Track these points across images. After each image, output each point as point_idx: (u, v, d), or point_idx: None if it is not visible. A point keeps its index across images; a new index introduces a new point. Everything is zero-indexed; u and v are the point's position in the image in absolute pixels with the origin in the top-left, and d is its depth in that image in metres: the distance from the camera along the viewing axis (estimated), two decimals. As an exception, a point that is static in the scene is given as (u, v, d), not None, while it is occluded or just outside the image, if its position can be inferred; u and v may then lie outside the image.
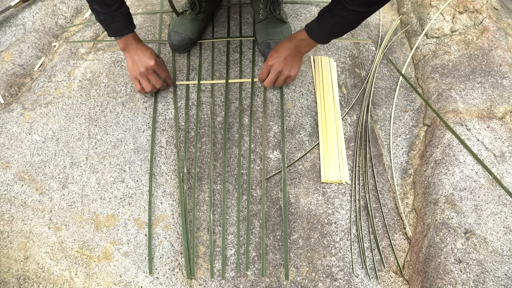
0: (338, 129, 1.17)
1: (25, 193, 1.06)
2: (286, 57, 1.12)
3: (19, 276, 0.96)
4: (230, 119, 1.19)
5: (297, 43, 1.10)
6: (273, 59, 1.13)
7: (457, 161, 1.07)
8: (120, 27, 1.07)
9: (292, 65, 1.14)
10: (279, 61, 1.13)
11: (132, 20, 1.09)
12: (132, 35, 1.10)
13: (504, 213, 0.98)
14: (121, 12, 1.04)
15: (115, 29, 1.07)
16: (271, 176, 1.11)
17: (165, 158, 1.12)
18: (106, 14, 1.03)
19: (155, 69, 1.14)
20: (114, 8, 1.03)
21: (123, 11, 1.05)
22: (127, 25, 1.07)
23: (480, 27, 1.35)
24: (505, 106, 1.16)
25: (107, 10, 1.03)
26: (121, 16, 1.04)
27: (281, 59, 1.12)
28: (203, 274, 0.98)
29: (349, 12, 0.94)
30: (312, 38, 1.06)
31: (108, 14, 1.03)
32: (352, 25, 0.99)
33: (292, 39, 1.11)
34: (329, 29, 1.01)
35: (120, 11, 1.04)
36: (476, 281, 0.89)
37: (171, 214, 1.05)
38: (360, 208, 1.07)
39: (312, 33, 1.05)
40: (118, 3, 1.03)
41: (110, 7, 1.02)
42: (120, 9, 1.04)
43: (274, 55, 1.13)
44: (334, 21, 0.98)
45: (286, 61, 1.13)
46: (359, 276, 0.98)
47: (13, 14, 1.47)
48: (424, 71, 1.33)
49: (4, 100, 1.26)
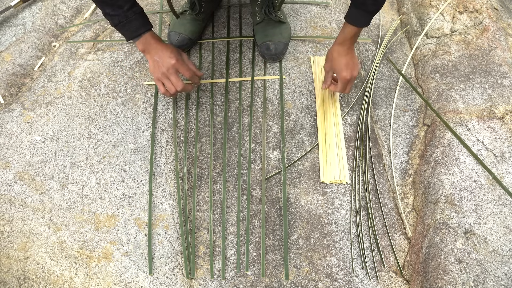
0: (338, 129, 1.17)
1: (25, 193, 1.06)
2: (348, 63, 1.09)
3: (19, 276, 0.96)
4: (230, 119, 1.19)
5: (351, 42, 1.08)
6: (330, 68, 1.12)
7: (457, 161, 1.07)
8: (136, 26, 1.02)
9: (355, 65, 1.10)
10: (342, 70, 1.09)
11: (147, 19, 1.04)
12: (150, 34, 1.04)
13: (504, 213, 0.98)
14: (134, 11, 1.00)
15: (131, 30, 1.02)
16: (271, 176, 1.11)
17: (165, 158, 1.12)
18: (119, 16, 0.99)
19: (177, 67, 1.07)
20: (127, 8, 0.99)
21: (136, 10, 1.01)
22: (143, 24, 1.02)
23: (480, 27, 1.35)
24: (505, 106, 1.16)
25: (119, 12, 0.99)
26: (135, 15, 1.00)
27: (344, 67, 1.09)
28: (203, 274, 0.98)
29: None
30: (360, 25, 1.03)
31: (122, 16, 0.99)
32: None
33: (344, 42, 1.07)
34: (369, 6, 0.99)
35: (133, 10, 1.00)
36: (476, 281, 0.89)
37: (171, 214, 1.05)
38: (360, 208, 1.07)
39: (357, 19, 1.02)
40: (130, 3, 0.99)
41: (122, 8, 0.98)
42: (133, 8, 1.00)
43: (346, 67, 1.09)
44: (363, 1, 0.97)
45: (350, 67, 1.09)
46: (359, 276, 0.98)
47: (13, 14, 1.47)
48: (424, 71, 1.33)
49: (4, 100, 1.26)
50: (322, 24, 1.40)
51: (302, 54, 1.32)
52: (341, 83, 1.11)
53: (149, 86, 1.25)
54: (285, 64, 1.29)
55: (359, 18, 1.03)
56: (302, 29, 1.38)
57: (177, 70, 1.07)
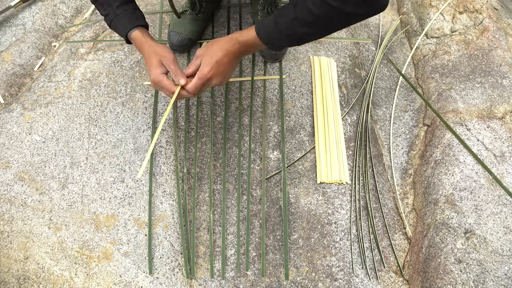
0: (338, 129, 1.17)
1: (25, 193, 1.06)
2: (221, 63, 0.91)
3: (19, 276, 0.96)
4: (230, 119, 1.19)
5: (241, 47, 0.91)
6: (212, 72, 0.91)
7: (457, 161, 1.07)
8: (124, 23, 0.96)
9: (225, 75, 0.94)
10: (207, 66, 0.91)
11: (140, 17, 0.99)
12: (140, 31, 0.97)
13: (504, 213, 0.98)
14: (124, 8, 0.97)
15: (120, 27, 0.97)
16: (271, 176, 1.11)
17: (165, 158, 1.12)
18: (110, 14, 0.97)
19: (157, 82, 0.95)
20: (116, 5, 0.96)
21: (127, 7, 0.97)
22: (131, 20, 0.97)
23: (480, 27, 1.35)
24: (505, 106, 1.16)
25: (110, 10, 0.97)
26: (124, 11, 0.97)
27: (213, 64, 0.91)
28: (203, 274, 0.98)
29: (315, 3, 0.76)
30: (263, 38, 0.87)
31: (112, 13, 0.97)
32: (313, 26, 0.80)
33: (236, 40, 0.90)
34: (285, 27, 0.82)
35: (124, 7, 0.97)
36: (476, 281, 0.89)
37: (171, 214, 1.05)
38: (360, 208, 1.07)
39: (264, 30, 0.86)
40: (120, 1, 0.97)
41: (112, 5, 0.96)
42: (124, 5, 0.97)
43: (206, 54, 0.91)
44: (295, 16, 0.80)
45: (218, 69, 0.92)
46: (359, 276, 0.98)
47: (13, 14, 1.47)
48: (424, 71, 1.33)
49: (4, 100, 1.26)
50: (322, 24, 1.40)
51: (302, 54, 1.32)
52: (197, 78, 0.91)
53: (149, 86, 1.25)
54: (285, 64, 1.29)
55: (269, 34, 0.86)
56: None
57: (165, 73, 0.96)
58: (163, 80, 0.93)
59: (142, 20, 0.99)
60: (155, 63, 0.94)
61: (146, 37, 0.97)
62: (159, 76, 0.93)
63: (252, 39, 0.89)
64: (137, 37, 0.97)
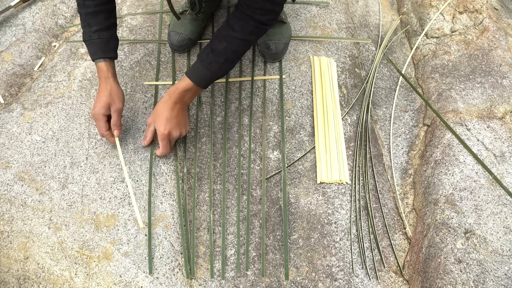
0: (338, 129, 1.17)
1: (25, 193, 1.06)
2: (170, 117, 1.01)
3: (19, 276, 0.96)
4: (230, 119, 1.19)
5: (181, 94, 1.01)
6: (167, 127, 1.01)
7: (457, 161, 1.07)
8: (94, 50, 1.01)
9: (180, 122, 1.04)
10: (160, 126, 1.01)
11: (111, 49, 1.03)
12: (106, 64, 1.02)
13: (504, 213, 0.98)
14: (100, 35, 1.00)
15: (90, 52, 1.02)
16: (271, 176, 1.11)
17: (165, 158, 1.12)
18: (85, 34, 1.02)
19: (96, 118, 1.04)
20: (94, 29, 1.00)
21: (103, 35, 1.01)
22: (101, 50, 1.01)
23: (480, 27, 1.35)
24: (505, 106, 1.16)
25: (87, 30, 1.01)
26: (98, 39, 1.00)
27: (163, 122, 1.01)
28: (203, 274, 0.98)
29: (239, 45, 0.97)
30: (198, 83, 1.00)
31: (87, 35, 1.01)
32: (239, 57, 1.00)
33: (175, 89, 1.01)
34: (217, 70, 0.98)
35: (100, 33, 1.00)
36: (476, 281, 0.89)
37: (171, 214, 1.05)
38: (360, 208, 1.07)
39: (197, 77, 0.99)
40: (100, 25, 1.00)
41: (90, 27, 1.00)
42: (100, 31, 1.00)
43: (156, 118, 1.02)
44: (224, 60, 0.97)
45: (171, 123, 1.02)
46: (359, 276, 0.98)
47: (13, 14, 1.47)
48: (424, 71, 1.33)
49: (4, 100, 1.26)
50: (322, 24, 1.40)
51: (302, 54, 1.32)
52: (160, 140, 1.03)
53: (149, 86, 1.25)
54: (285, 64, 1.29)
55: (199, 74, 0.99)
56: (302, 29, 1.38)
57: (107, 116, 1.04)
58: (100, 120, 1.03)
59: (112, 52, 1.04)
60: (103, 102, 1.02)
61: (109, 73, 1.03)
62: (99, 115, 1.03)
63: (189, 86, 1.00)
64: (101, 69, 1.03)
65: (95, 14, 1.00)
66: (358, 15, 1.50)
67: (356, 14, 1.49)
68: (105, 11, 1.02)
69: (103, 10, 1.01)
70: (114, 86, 1.04)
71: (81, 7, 1.01)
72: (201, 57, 0.99)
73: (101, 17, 1.01)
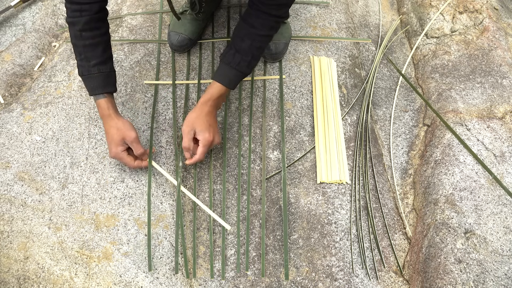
0: (338, 129, 1.17)
1: (25, 193, 1.06)
2: (212, 125, 1.01)
3: (19, 276, 0.96)
4: (230, 119, 1.19)
5: (216, 102, 1.02)
6: (191, 129, 1.00)
7: (457, 161, 1.07)
8: (94, 85, 0.98)
9: (217, 130, 1.04)
10: (205, 132, 0.99)
11: (111, 83, 1.01)
12: (106, 100, 1.00)
13: (504, 213, 0.98)
14: (99, 69, 0.98)
15: (90, 87, 0.99)
16: (271, 176, 1.11)
17: (165, 158, 1.12)
18: (83, 68, 0.98)
19: (119, 158, 1.03)
20: (94, 63, 0.97)
21: (103, 69, 0.98)
22: (102, 85, 0.99)
23: (480, 27, 1.35)
24: (505, 106, 1.16)
25: (85, 64, 0.98)
26: (98, 73, 0.98)
27: (207, 128, 1.00)
28: (203, 274, 0.98)
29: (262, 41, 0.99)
30: (228, 85, 1.00)
31: (85, 69, 0.98)
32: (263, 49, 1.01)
33: (209, 100, 1.01)
34: (246, 68, 0.99)
35: (99, 67, 0.98)
36: (476, 281, 0.89)
37: (171, 214, 1.05)
38: (360, 208, 1.07)
39: (227, 79, 1.00)
40: (99, 59, 0.98)
41: (89, 62, 0.97)
42: (100, 65, 0.98)
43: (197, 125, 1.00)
44: (250, 58, 0.98)
45: (214, 129, 1.02)
46: (359, 276, 0.98)
47: (13, 14, 1.47)
48: (424, 71, 1.33)
49: (4, 100, 1.26)
50: (322, 24, 1.40)
51: (302, 54, 1.32)
52: (203, 146, 1.00)
53: (149, 86, 1.25)
54: (285, 64, 1.29)
55: (229, 77, 1.00)
56: (302, 29, 1.38)
57: (126, 149, 1.03)
58: (124, 158, 1.02)
59: (112, 86, 1.02)
60: (116, 140, 1.00)
61: (110, 110, 1.01)
62: (119, 154, 1.01)
63: (222, 90, 1.01)
64: (102, 107, 1.00)
65: (93, 47, 0.97)
66: (358, 15, 1.50)
67: (356, 14, 1.49)
68: (103, 43, 0.99)
69: (101, 42, 0.99)
70: (118, 121, 1.01)
71: (77, 39, 0.97)
72: (226, 60, 1.00)
73: (99, 49, 0.98)
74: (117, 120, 1.01)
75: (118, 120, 1.01)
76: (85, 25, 0.95)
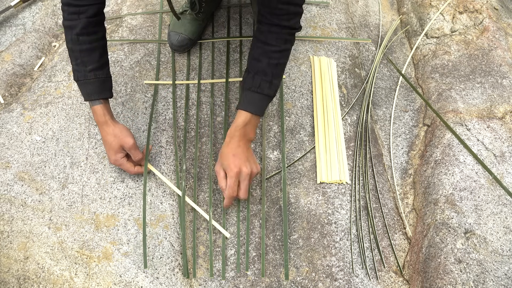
0: (338, 129, 1.17)
1: (25, 193, 1.06)
2: (245, 157, 0.96)
3: (19, 276, 0.96)
4: (230, 119, 1.19)
5: (242, 131, 0.96)
6: (220, 166, 0.97)
7: (457, 161, 1.07)
8: (90, 91, 0.97)
9: (252, 160, 0.98)
10: (230, 163, 0.95)
11: (108, 89, 1.00)
12: (102, 106, 0.98)
13: (504, 213, 0.99)
14: (96, 75, 0.96)
15: (86, 92, 0.98)
16: (271, 176, 1.11)
17: (165, 158, 1.12)
18: (80, 73, 0.96)
19: (119, 164, 1.03)
20: (90, 68, 0.96)
21: (99, 75, 0.97)
22: (98, 91, 0.97)
23: (480, 27, 1.35)
24: (505, 106, 1.16)
25: (81, 69, 0.96)
26: (95, 79, 0.96)
27: (231, 159, 0.95)
28: (203, 274, 0.98)
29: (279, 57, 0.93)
30: (256, 112, 0.95)
31: (82, 74, 0.96)
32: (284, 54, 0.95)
33: (235, 130, 0.96)
34: (269, 90, 0.94)
35: (96, 73, 0.96)
36: (476, 281, 0.89)
37: (171, 214, 1.05)
38: (360, 208, 1.07)
39: (253, 106, 0.94)
40: (96, 64, 0.96)
41: (86, 66, 0.96)
42: (96, 71, 0.96)
43: (222, 160, 0.97)
44: (270, 79, 0.93)
45: (240, 158, 0.95)
46: (359, 276, 0.98)
47: (13, 14, 1.47)
48: (424, 71, 1.33)
49: (4, 100, 1.26)
50: (322, 24, 1.40)
51: (302, 54, 1.32)
52: (230, 177, 0.95)
53: (149, 86, 1.25)
54: (285, 64, 1.29)
55: (253, 102, 0.94)
56: (302, 29, 1.38)
57: (125, 155, 1.03)
58: (124, 164, 1.02)
59: (108, 92, 1.01)
60: (115, 147, 1.00)
61: (106, 117, 0.99)
62: (119, 160, 1.02)
63: (246, 118, 0.95)
64: (98, 113, 0.99)
65: (90, 52, 0.96)
66: (358, 15, 1.50)
67: (356, 14, 1.49)
68: (100, 48, 0.98)
69: (98, 47, 0.97)
70: (115, 127, 1.00)
71: (74, 43, 0.95)
72: (246, 86, 0.95)
73: (96, 54, 0.97)
74: (114, 127, 1.00)
75: (115, 126, 1.00)
76: (83, 29, 0.94)
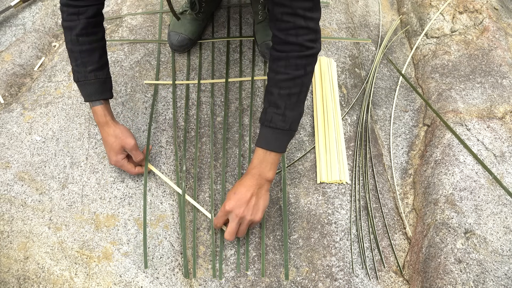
0: (338, 129, 1.17)
1: (25, 193, 1.06)
2: (249, 199, 0.90)
3: (19, 276, 0.96)
4: (230, 119, 1.19)
5: (257, 171, 0.90)
6: (231, 204, 0.90)
7: (457, 161, 1.07)
8: (91, 91, 0.97)
9: (256, 207, 0.91)
10: (239, 205, 0.90)
11: (108, 89, 1.00)
12: (102, 107, 0.98)
13: (504, 213, 0.99)
14: (96, 75, 0.96)
15: (86, 93, 0.97)
16: (271, 176, 1.11)
17: (165, 158, 1.12)
18: (80, 74, 0.96)
19: (120, 165, 1.03)
20: (90, 69, 0.96)
21: (99, 75, 0.97)
22: (99, 92, 0.97)
23: (480, 27, 1.35)
24: (505, 106, 1.16)
25: (82, 70, 0.96)
26: (95, 79, 0.96)
27: (242, 202, 0.90)
28: (203, 274, 0.98)
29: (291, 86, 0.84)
30: (275, 149, 0.89)
31: (82, 75, 0.96)
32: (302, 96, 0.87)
33: (252, 170, 0.91)
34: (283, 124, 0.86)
35: (96, 74, 0.96)
36: (476, 281, 0.89)
37: (171, 214, 1.05)
38: (360, 208, 1.07)
39: (271, 143, 0.88)
40: (96, 65, 0.96)
41: (86, 67, 0.95)
42: (97, 71, 0.96)
43: (232, 198, 0.91)
44: (283, 112, 0.85)
45: (249, 203, 0.90)
46: (359, 276, 0.98)
47: (13, 14, 1.47)
48: (424, 71, 1.33)
49: (4, 100, 1.26)
50: (322, 24, 1.40)
51: (302, 54, 1.32)
52: (232, 220, 0.91)
53: (149, 86, 1.25)
54: (285, 64, 1.29)
55: (266, 138, 0.89)
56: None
57: (126, 156, 1.03)
58: (125, 165, 1.03)
59: (108, 93, 1.00)
60: (116, 148, 1.00)
61: (107, 117, 0.99)
62: (120, 161, 1.02)
63: (260, 156, 0.90)
64: (98, 114, 0.99)
65: (90, 52, 0.95)
66: (358, 15, 1.50)
67: (356, 14, 1.49)
68: (100, 49, 0.98)
69: (98, 47, 0.97)
70: (116, 128, 1.00)
71: (74, 44, 0.95)
72: (260, 120, 0.90)
73: (96, 55, 0.96)
74: (115, 128, 1.00)
75: (116, 127, 1.00)
76: (82, 30, 0.94)
